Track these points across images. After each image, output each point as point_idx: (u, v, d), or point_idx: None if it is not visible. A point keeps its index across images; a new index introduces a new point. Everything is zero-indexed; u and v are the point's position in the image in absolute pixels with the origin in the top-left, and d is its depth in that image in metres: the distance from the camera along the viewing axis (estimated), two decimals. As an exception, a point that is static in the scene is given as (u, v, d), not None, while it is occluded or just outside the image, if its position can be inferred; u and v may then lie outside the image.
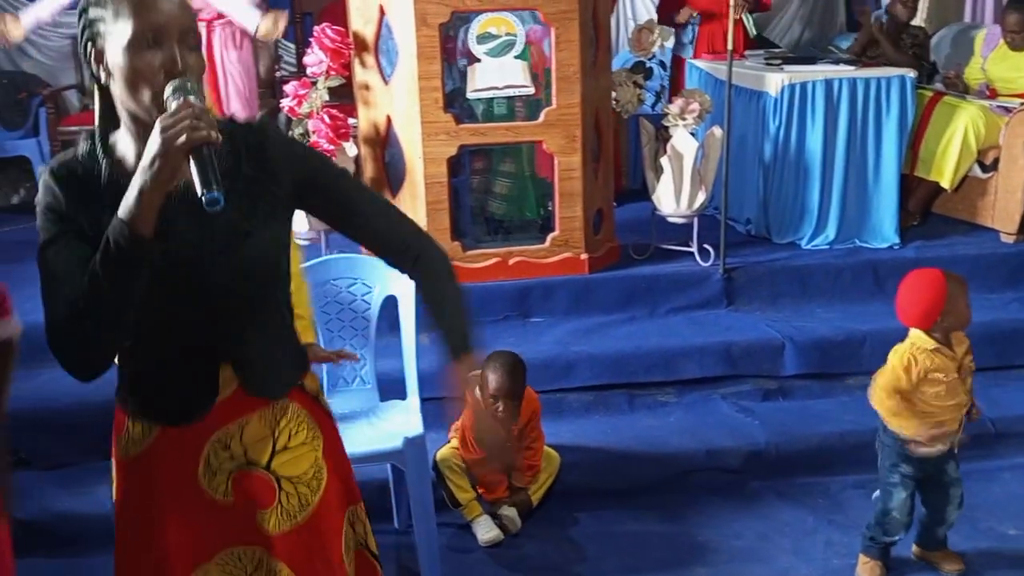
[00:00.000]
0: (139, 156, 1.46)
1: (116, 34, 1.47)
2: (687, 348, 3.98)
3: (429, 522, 2.93)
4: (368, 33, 4.16)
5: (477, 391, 1.76)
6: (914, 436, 2.80)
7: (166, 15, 1.47)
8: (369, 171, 4.34)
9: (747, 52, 5.54)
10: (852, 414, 3.68)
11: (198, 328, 1.58)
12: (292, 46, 6.59)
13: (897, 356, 2.85)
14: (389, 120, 4.19)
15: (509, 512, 3.27)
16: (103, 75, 1.51)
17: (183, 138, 1.38)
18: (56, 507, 3.21)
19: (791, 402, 3.93)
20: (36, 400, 3.32)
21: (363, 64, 4.24)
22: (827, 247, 4.69)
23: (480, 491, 3.30)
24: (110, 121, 1.56)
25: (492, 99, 4.19)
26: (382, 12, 4.09)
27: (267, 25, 4.39)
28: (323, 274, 3.04)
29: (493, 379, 3.13)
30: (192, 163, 1.41)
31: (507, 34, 4.04)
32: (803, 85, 4.62)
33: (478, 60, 4.07)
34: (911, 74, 4.72)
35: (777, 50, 6.20)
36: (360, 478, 2.82)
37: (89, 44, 1.52)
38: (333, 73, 4.23)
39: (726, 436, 3.65)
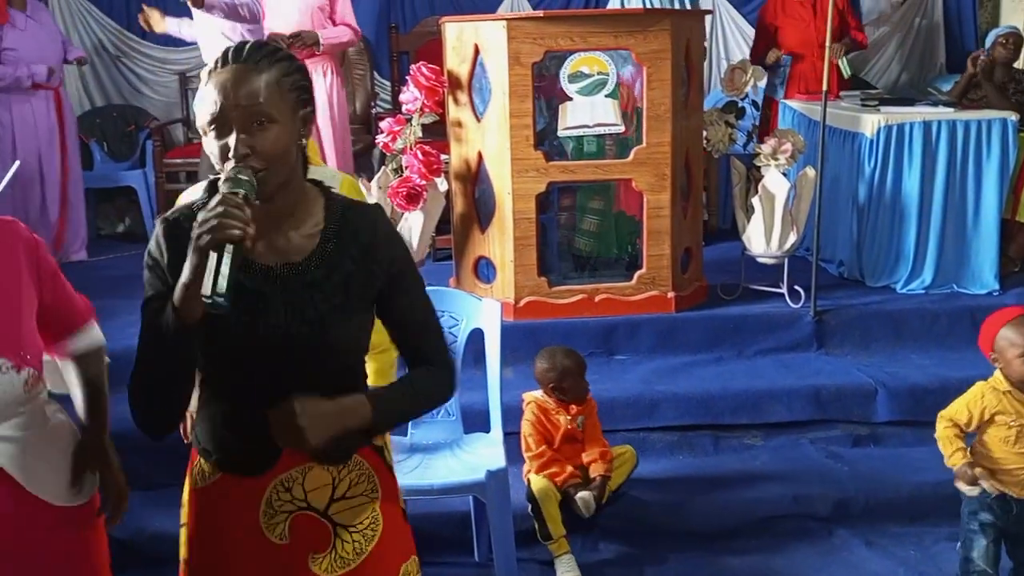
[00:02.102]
0: None
1: (199, 117, 1.55)
2: (775, 390, 3.92)
3: (510, 556, 2.93)
4: (463, 71, 4.25)
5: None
6: (950, 465, 2.77)
7: (230, 100, 1.50)
8: (459, 206, 4.40)
9: (842, 93, 5.48)
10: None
11: (276, 397, 1.57)
12: (388, 84, 6.75)
13: (970, 390, 2.82)
14: (480, 156, 4.25)
15: (585, 495, 3.24)
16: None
17: (207, 237, 1.43)
18: (148, 527, 3.30)
19: (883, 449, 3.83)
20: (130, 421, 3.43)
21: (456, 101, 4.32)
22: (923, 292, 4.58)
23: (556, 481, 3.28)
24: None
25: (582, 137, 4.22)
26: (477, 51, 4.17)
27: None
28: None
29: (559, 361, 3.28)
30: (210, 262, 1.43)
31: (599, 73, 4.08)
32: (900, 126, 4.54)
33: (569, 98, 4.11)
34: (1013, 117, 4.60)
35: (873, 91, 6.12)
36: (442, 509, 2.85)
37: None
38: (427, 110, 4.32)
39: (814, 482, 3.57)
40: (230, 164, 1.51)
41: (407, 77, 4.44)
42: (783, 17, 5.77)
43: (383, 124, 4.46)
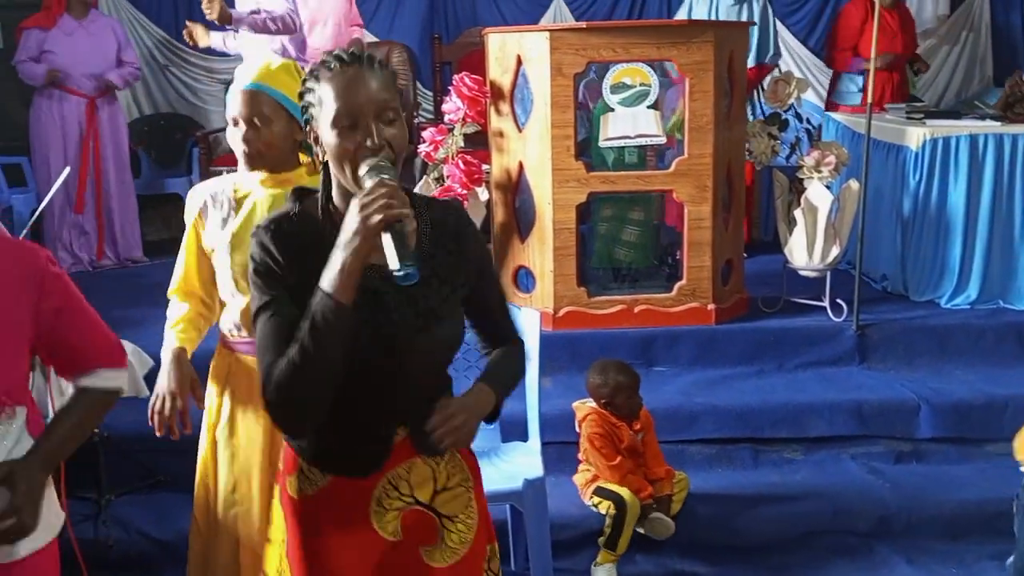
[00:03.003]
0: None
1: (323, 115, 1.61)
2: (816, 404, 3.88)
3: (546, 565, 2.93)
4: (505, 82, 4.27)
5: None
6: None
7: (362, 97, 1.58)
8: (500, 216, 4.42)
9: (887, 105, 5.43)
10: (991, 481, 3.51)
11: (385, 396, 1.67)
12: (430, 94, 6.79)
13: None
14: (521, 166, 4.27)
15: (660, 516, 3.26)
16: (320, 152, 1.64)
17: (378, 216, 1.49)
18: (188, 528, 3.34)
19: (925, 466, 3.78)
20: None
21: (499, 112, 4.34)
22: (968, 307, 4.52)
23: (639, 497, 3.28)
24: (329, 187, 1.68)
25: (623, 147, 4.22)
26: (519, 62, 4.19)
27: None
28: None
29: (612, 377, 3.28)
30: (386, 239, 1.50)
31: (641, 84, 4.08)
32: (946, 140, 4.49)
33: (611, 109, 4.11)
34: (1062, 130, 4.53)
35: (919, 104, 6.05)
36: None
37: (308, 126, 1.66)
38: (469, 120, 4.35)
39: (854, 497, 3.53)
40: (368, 160, 1.56)
41: (450, 87, 4.47)
42: (871, 23, 5.71)
43: (425, 134, 4.49)
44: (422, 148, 4.51)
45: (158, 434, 2.31)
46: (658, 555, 3.32)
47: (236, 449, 2.37)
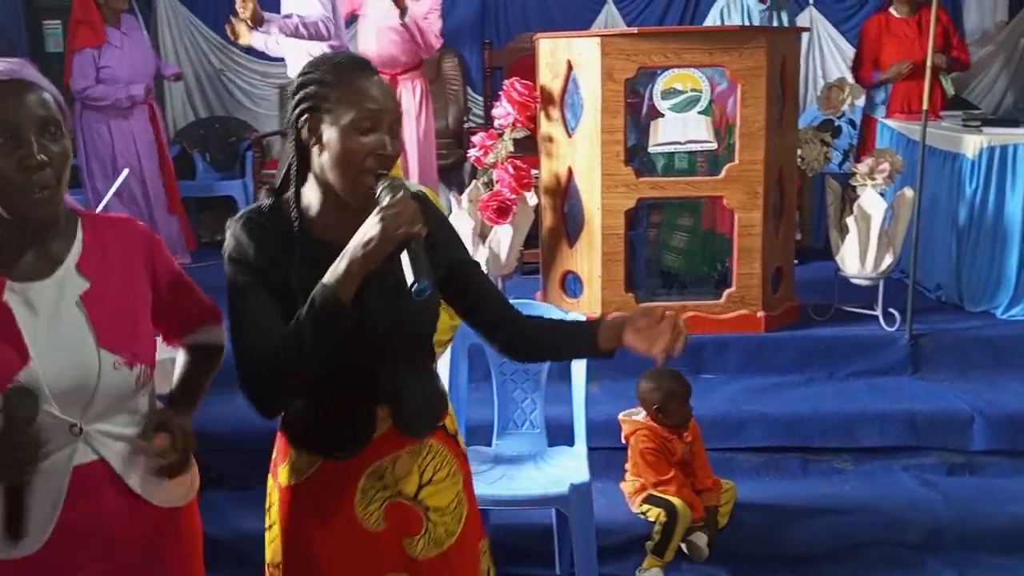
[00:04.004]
0: (322, 213, 1.69)
1: (336, 115, 1.63)
2: (867, 414, 3.83)
3: (592, 570, 2.92)
4: (555, 87, 4.27)
5: None
6: None
7: (383, 105, 1.64)
8: (548, 220, 4.43)
9: (943, 112, 5.36)
10: (1047, 496, 3.45)
11: (364, 374, 1.72)
12: (480, 99, 6.82)
13: None
14: (570, 171, 4.27)
15: (697, 540, 3.24)
16: (312, 142, 1.66)
17: (401, 230, 1.54)
18: (239, 526, 3.39)
19: (979, 479, 3.72)
20: (231, 423, 3.53)
21: (548, 117, 4.35)
22: (1024, 318, 4.44)
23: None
24: (302, 179, 1.72)
25: (673, 153, 4.21)
26: (570, 67, 4.19)
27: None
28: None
29: (665, 384, 3.26)
30: (404, 253, 1.55)
31: (692, 90, 4.06)
32: (1004, 148, 4.42)
33: (661, 115, 4.10)
34: (1124, 138, 4.43)
35: (976, 111, 5.96)
36: (524, 521, 2.87)
37: (305, 113, 1.66)
38: (519, 125, 4.36)
39: (906, 509, 3.48)
40: (367, 163, 1.62)
41: (500, 92, 4.49)
42: (887, 35, 5.66)
43: (475, 138, 4.52)
44: (472, 153, 4.53)
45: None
46: (704, 564, 3.30)
47: None
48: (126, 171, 3.95)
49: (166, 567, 1.77)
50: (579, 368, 3.09)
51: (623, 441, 3.40)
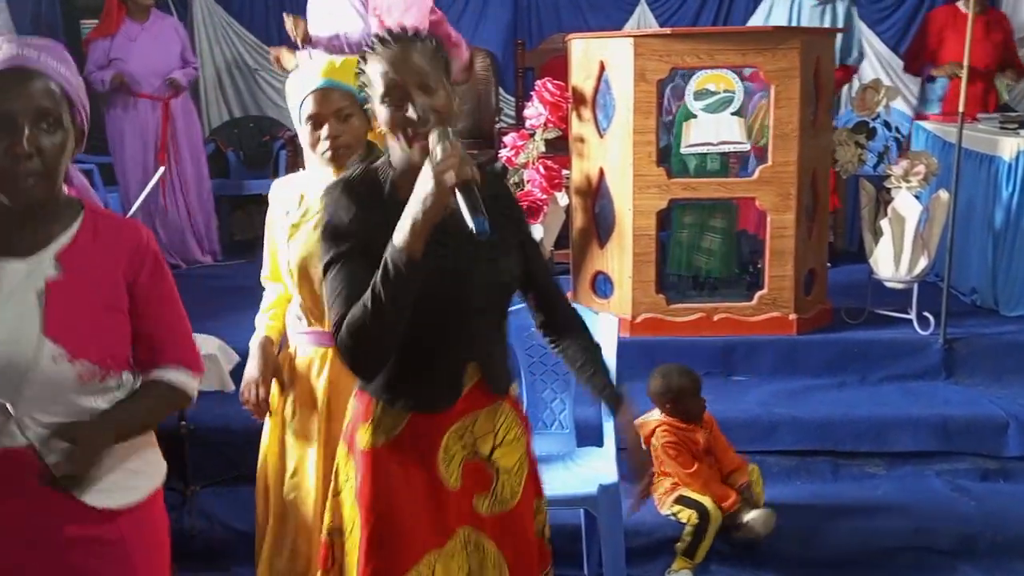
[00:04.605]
0: (405, 175, 1.75)
1: (373, 95, 1.76)
2: (900, 419, 3.80)
3: (620, 571, 2.92)
4: (587, 87, 4.27)
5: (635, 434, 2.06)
6: None
7: (402, 71, 1.71)
8: (579, 221, 4.42)
9: (979, 115, 5.29)
10: (1083, 504, 3.39)
11: (455, 330, 1.81)
12: (512, 99, 6.82)
13: None
14: (601, 172, 4.26)
15: (757, 516, 3.24)
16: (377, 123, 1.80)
17: (452, 176, 1.60)
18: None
19: (1013, 485, 3.67)
20: (258, 421, 3.55)
21: (580, 117, 4.34)
22: (1063, 323, 4.38)
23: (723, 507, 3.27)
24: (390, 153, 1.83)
25: (705, 154, 4.19)
26: (602, 67, 4.19)
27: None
28: (528, 318, 3.11)
29: (675, 381, 3.31)
30: (460, 197, 1.61)
31: (725, 91, 4.05)
32: (1041, 150, 4.36)
33: (694, 116, 4.09)
34: None
35: (1013, 114, 5.88)
36: (553, 521, 2.86)
37: (365, 101, 1.82)
38: (551, 125, 4.37)
39: (937, 515, 3.45)
40: (408, 130, 1.71)
41: (532, 92, 4.49)
42: (951, 29, 5.58)
43: (507, 139, 4.52)
44: (503, 153, 4.53)
45: (258, 417, 2.50)
46: (733, 566, 3.28)
47: (294, 438, 2.50)
48: (161, 170, 3.97)
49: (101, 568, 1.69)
50: (608, 369, 3.08)
51: (643, 446, 3.39)
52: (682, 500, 3.24)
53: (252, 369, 2.47)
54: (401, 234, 1.63)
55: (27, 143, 1.54)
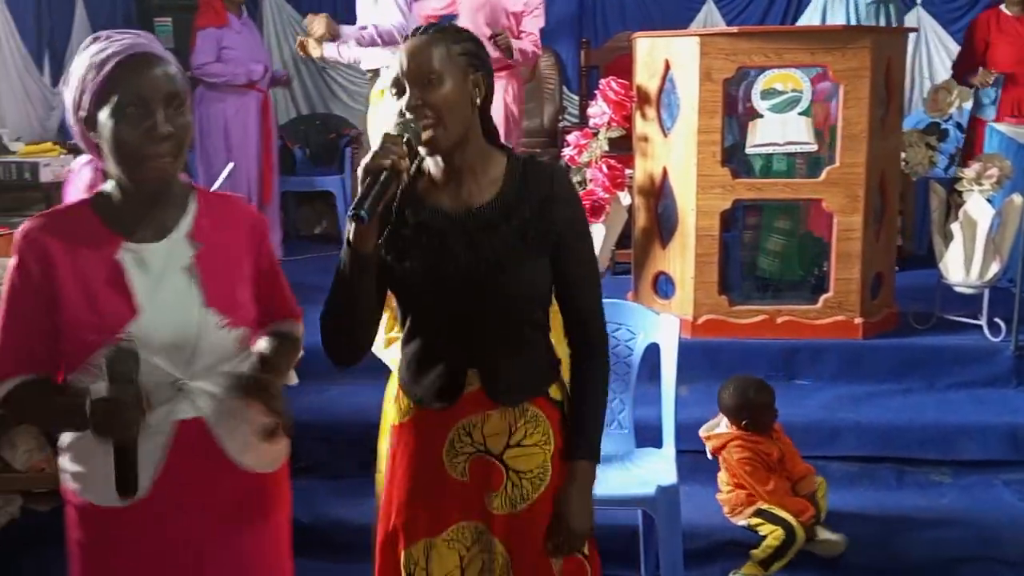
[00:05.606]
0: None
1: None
2: (968, 427, 3.72)
3: (677, 574, 2.90)
4: (652, 86, 4.25)
5: None
6: None
7: (404, 65, 1.70)
8: (641, 220, 4.41)
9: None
10: None
11: (453, 336, 1.80)
12: (576, 98, 6.82)
13: None
14: (665, 172, 4.24)
15: (831, 537, 3.23)
16: None
17: (363, 163, 1.63)
18: (329, 514, 3.46)
19: (1085, 497, 3.57)
20: (322, 413, 3.62)
21: (644, 116, 4.32)
22: None
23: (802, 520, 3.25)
24: None
25: (772, 155, 4.15)
26: (667, 66, 4.16)
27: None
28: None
29: (751, 397, 3.27)
30: (368, 180, 1.63)
31: (792, 90, 4.00)
32: (1120, 153, 4.24)
33: (760, 115, 4.04)
34: None
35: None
36: (610, 522, 2.86)
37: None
38: (614, 124, 4.36)
39: (1005, 525, 3.36)
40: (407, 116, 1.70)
41: (596, 91, 4.48)
42: (996, 33, 5.46)
43: (570, 138, 4.52)
44: (566, 152, 4.53)
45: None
46: (793, 573, 3.24)
47: None
48: (231, 165, 4.05)
49: (254, 530, 1.83)
50: (669, 370, 3.07)
51: (710, 456, 3.37)
52: (764, 514, 3.21)
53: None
54: (348, 226, 1.66)
55: (163, 124, 1.61)
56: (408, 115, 1.68)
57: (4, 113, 5.57)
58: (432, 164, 1.79)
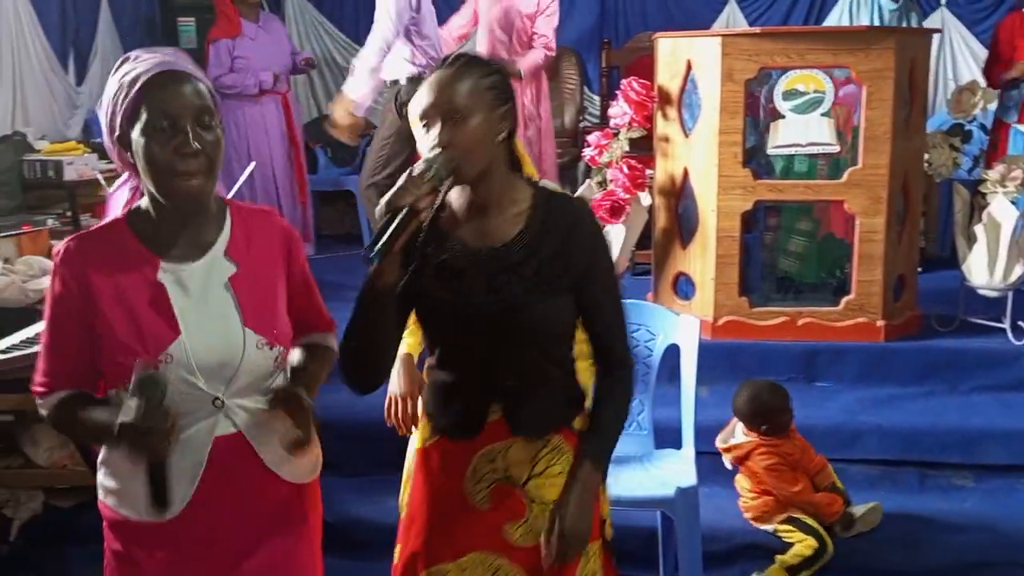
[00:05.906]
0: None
1: (412, 113, 1.74)
2: (991, 431, 3.69)
3: (696, 575, 2.89)
4: (673, 87, 4.24)
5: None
6: None
7: (429, 99, 1.70)
8: (661, 221, 4.39)
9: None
10: None
11: (475, 371, 1.81)
12: (597, 98, 6.81)
13: None
14: (686, 172, 4.23)
15: (868, 506, 3.28)
16: None
17: (383, 201, 1.61)
18: (351, 512, 3.48)
19: (1110, 502, 3.54)
20: (344, 411, 3.61)
21: (665, 117, 4.31)
22: None
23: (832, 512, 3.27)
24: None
25: (793, 156, 4.13)
26: (689, 67, 4.15)
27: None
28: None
29: (765, 400, 3.27)
30: (387, 218, 1.61)
31: (815, 91, 3.98)
32: None
33: (781, 116, 4.03)
34: None
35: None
36: (628, 523, 2.86)
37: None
38: (635, 125, 4.34)
39: (1028, 531, 3.34)
40: (434, 153, 1.68)
41: (617, 92, 4.47)
42: (1021, 37, 5.43)
43: (591, 138, 4.51)
44: (587, 152, 4.53)
45: (401, 433, 2.52)
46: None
47: None
48: (252, 165, 4.06)
49: (292, 539, 1.86)
50: (689, 371, 3.06)
51: (729, 466, 3.37)
52: (795, 522, 3.20)
53: (394, 385, 2.49)
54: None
55: (192, 141, 1.61)
56: (434, 151, 1.67)
57: (29, 112, 5.61)
58: (456, 196, 1.79)
